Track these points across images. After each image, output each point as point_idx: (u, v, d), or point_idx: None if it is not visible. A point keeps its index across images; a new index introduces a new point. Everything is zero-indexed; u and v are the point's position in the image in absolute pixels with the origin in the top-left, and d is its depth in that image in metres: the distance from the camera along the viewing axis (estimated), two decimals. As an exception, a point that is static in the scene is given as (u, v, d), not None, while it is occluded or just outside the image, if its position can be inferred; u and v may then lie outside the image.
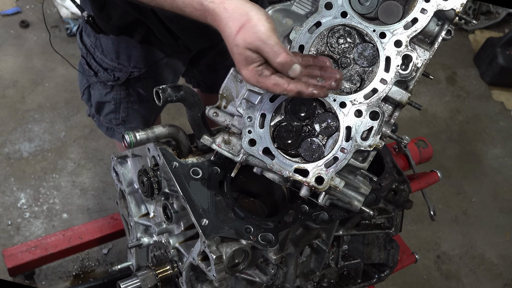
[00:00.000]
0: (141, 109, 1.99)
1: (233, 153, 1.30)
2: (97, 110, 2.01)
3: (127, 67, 1.81)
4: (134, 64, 1.81)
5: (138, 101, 1.95)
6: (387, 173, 1.68)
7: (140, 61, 1.80)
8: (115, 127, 2.04)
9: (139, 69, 1.82)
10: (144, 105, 1.98)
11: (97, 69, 1.85)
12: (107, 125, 2.05)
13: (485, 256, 3.25)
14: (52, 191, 3.05)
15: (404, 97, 1.21)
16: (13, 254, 2.37)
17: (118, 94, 1.91)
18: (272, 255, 1.31)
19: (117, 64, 1.81)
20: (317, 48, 1.20)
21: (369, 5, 1.20)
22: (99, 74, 1.86)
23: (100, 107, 1.99)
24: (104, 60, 1.82)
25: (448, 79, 4.39)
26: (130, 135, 1.33)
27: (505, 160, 3.85)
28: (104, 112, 1.99)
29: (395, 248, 1.77)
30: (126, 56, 1.79)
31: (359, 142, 1.17)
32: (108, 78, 1.85)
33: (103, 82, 1.88)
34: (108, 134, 2.10)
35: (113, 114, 1.98)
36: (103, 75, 1.85)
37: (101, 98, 1.94)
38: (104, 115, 2.01)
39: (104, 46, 1.80)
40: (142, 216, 1.64)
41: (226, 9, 1.09)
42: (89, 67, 1.88)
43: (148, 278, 1.54)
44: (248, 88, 1.29)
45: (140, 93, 1.93)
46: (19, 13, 4.04)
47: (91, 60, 1.86)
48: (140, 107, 1.98)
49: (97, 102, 1.97)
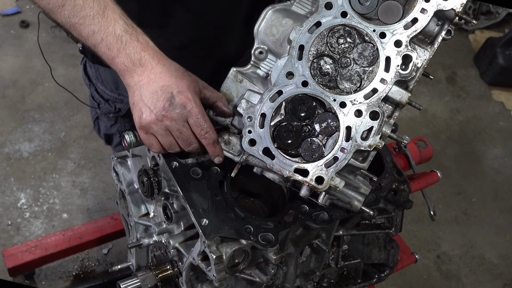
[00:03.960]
0: None
1: (233, 153, 1.30)
2: (107, 141, 1.99)
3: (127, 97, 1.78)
4: None
5: None
6: (387, 173, 1.67)
7: None
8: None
9: None
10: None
11: (99, 101, 1.82)
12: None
13: (485, 256, 3.26)
14: (52, 191, 3.05)
15: (404, 97, 1.21)
16: (13, 254, 2.37)
17: (123, 127, 1.88)
18: (272, 255, 1.31)
19: (117, 95, 1.77)
20: (317, 48, 1.20)
21: (369, 5, 1.20)
22: (101, 105, 1.83)
23: (108, 139, 1.97)
24: (104, 91, 1.79)
25: (448, 79, 4.39)
26: (130, 135, 1.33)
27: (505, 160, 3.85)
28: (113, 144, 1.97)
29: (395, 248, 1.77)
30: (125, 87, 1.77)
31: (359, 142, 1.17)
32: (110, 110, 1.81)
33: (107, 114, 1.84)
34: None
35: (122, 146, 1.96)
36: (105, 107, 1.82)
37: (107, 130, 1.92)
38: (113, 147, 1.99)
39: (103, 77, 1.77)
40: (142, 216, 1.64)
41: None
42: (93, 99, 1.85)
43: (148, 278, 1.54)
44: (248, 88, 1.29)
45: None
46: (19, 13, 4.04)
47: (93, 92, 1.83)
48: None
49: (105, 134, 1.95)
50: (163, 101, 1.16)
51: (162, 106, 1.16)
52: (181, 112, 1.17)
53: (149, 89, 1.18)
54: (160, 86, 1.17)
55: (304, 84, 1.19)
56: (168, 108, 1.16)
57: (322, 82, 1.20)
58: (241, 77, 1.31)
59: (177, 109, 1.17)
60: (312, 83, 1.19)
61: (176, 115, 1.17)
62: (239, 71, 1.31)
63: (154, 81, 1.18)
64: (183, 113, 1.18)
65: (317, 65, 1.20)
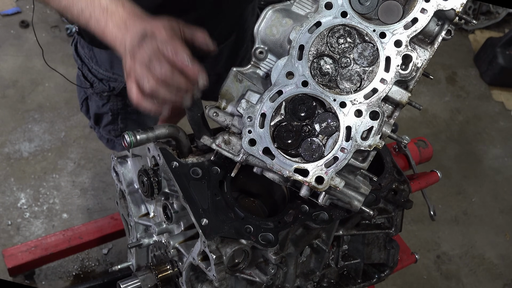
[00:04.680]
0: (139, 119, 1.97)
1: (233, 153, 1.30)
2: (96, 121, 2.00)
3: (122, 76, 1.79)
4: None
5: (136, 111, 1.93)
6: (387, 173, 1.67)
7: None
8: (115, 139, 2.04)
9: None
10: (142, 115, 1.96)
11: (93, 80, 1.84)
12: (107, 136, 2.04)
13: (485, 256, 3.26)
14: (52, 191, 3.05)
15: (404, 97, 1.21)
16: (13, 254, 2.37)
17: (115, 105, 1.90)
18: (272, 255, 1.31)
19: (111, 74, 1.79)
20: (317, 48, 1.20)
21: (369, 5, 1.20)
22: (94, 85, 1.84)
23: (98, 119, 1.98)
24: (99, 70, 1.80)
25: (448, 79, 4.39)
26: (130, 135, 1.33)
27: (505, 160, 3.85)
28: (103, 124, 1.98)
29: (395, 248, 1.77)
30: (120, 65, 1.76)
31: (359, 142, 1.17)
32: (104, 89, 1.83)
33: (99, 94, 1.86)
34: (108, 146, 2.10)
35: (112, 125, 1.97)
36: (99, 86, 1.83)
37: (99, 110, 1.93)
38: (103, 127, 2.00)
39: (98, 57, 1.78)
40: (142, 216, 1.64)
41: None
42: (85, 79, 1.86)
43: (148, 278, 1.54)
44: (248, 88, 1.29)
45: None
46: (19, 13, 4.04)
47: (86, 72, 1.84)
48: (138, 117, 1.96)
49: (95, 114, 1.96)
50: (137, 41, 1.15)
51: (136, 43, 1.14)
52: (150, 42, 1.12)
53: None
54: (139, 35, 1.16)
55: (304, 84, 1.19)
56: (140, 42, 1.13)
57: (322, 82, 1.20)
58: (241, 77, 1.31)
59: (147, 40, 1.13)
60: (312, 83, 1.19)
61: (146, 46, 1.12)
62: (239, 71, 1.31)
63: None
64: (153, 43, 1.12)
65: (317, 65, 1.20)
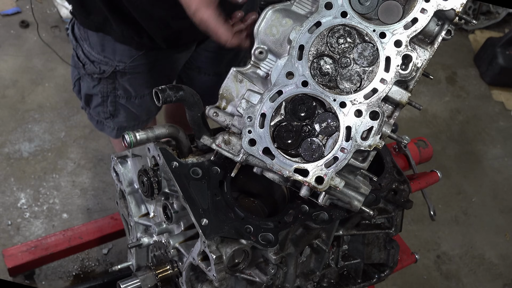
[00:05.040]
0: (129, 105, 1.99)
1: (233, 153, 1.30)
2: (86, 102, 2.03)
3: (113, 60, 1.82)
4: (119, 58, 1.81)
5: (125, 97, 1.96)
6: (387, 173, 1.67)
7: (125, 56, 1.81)
8: (104, 121, 2.06)
9: (124, 63, 1.82)
10: (131, 102, 1.98)
11: (85, 61, 1.87)
12: (96, 118, 2.07)
13: (485, 256, 3.26)
14: (52, 191, 3.05)
15: (404, 97, 1.21)
16: (13, 254, 2.37)
17: (105, 88, 1.92)
18: (272, 255, 1.31)
19: (102, 57, 1.82)
20: (317, 48, 1.20)
21: (369, 5, 1.20)
22: (86, 66, 1.87)
23: (88, 100, 2.01)
24: (91, 52, 1.83)
25: (448, 79, 4.39)
26: (130, 135, 1.33)
27: (505, 160, 3.85)
28: (93, 105, 2.01)
29: (395, 248, 1.77)
30: (111, 49, 1.80)
31: (359, 142, 1.17)
32: (94, 71, 1.86)
33: (91, 75, 1.89)
34: (98, 128, 2.13)
35: (101, 107, 2.00)
36: (90, 68, 1.86)
37: (89, 91, 1.96)
38: (92, 108, 2.03)
39: (91, 39, 1.81)
40: (142, 216, 1.64)
41: None
42: (78, 59, 1.90)
43: (148, 278, 1.54)
44: (248, 88, 1.29)
45: (126, 89, 1.93)
46: (19, 13, 4.04)
47: (79, 52, 1.88)
48: (127, 103, 1.98)
49: (86, 94, 1.99)
50: None
51: None
52: None
53: None
54: None
55: (304, 84, 1.19)
56: None
57: (322, 82, 1.20)
58: (241, 77, 1.31)
59: None
60: (312, 83, 1.19)
61: None
62: (239, 71, 1.31)
63: None
64: None
65: (317, 65, 1.20)
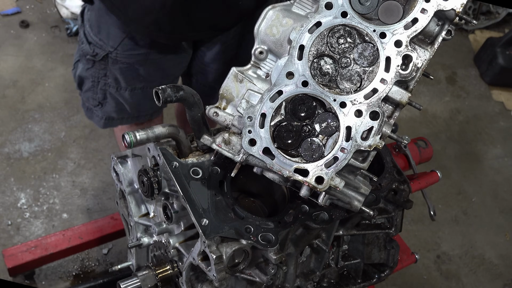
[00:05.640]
0: (118, 96, 2.01)
1: (233, 153, 1.30)
2: (79, 84, 2.05)
3: (106, 44, 1.85)
4: (112, 44, 1.84)
5: (115, 87, 1.97)
6: (387, 173, 1.67)
7: (118, 41, 1.83)
8: (93, 108, 2.08)
9: (116, 49, 1.84)
10: (121, 93, 1.99)
11: (83, 41, 1.91)
12: (87, 104, 2.09)
13: (485, 256, 3.26)
14: (52, 191, 3.05)
15: (404, 97, 1.21)
16: (13, 254, 2.37)
17: (97, 72, 1.95)
18: (272, 255, 1.31)
19: (98, 40, 1.85)
20: (317, 48, 1.20)
21: (369, 5, 1.20)
22: (83, 45, 1.91)
23: (81, 82, 2.03)
24: (90, 33, 1.87)
25: (448, 79, 4.39)
26: (130, 135, 1.33)
27: (505, 160, 3.85)
28: (84, 88, 2.04)
29: (395, 248, 1.77)
30: (106, 32, 1.83)
31: (359, 142, 1.17)
32: (88, 52, 1.89)
33: (86, 56, 1.92)
34: (87, 115, 2.15)
35: (91, 92, 2.02)
36: (85, 48, 1.90)
37: (82, 73, 1.99)
38: (84, 92, 2.05)
39: (91, 20, 1.85)
40: (142, 216, 1.64)
41: None
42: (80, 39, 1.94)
43: (148, 278, 1.54)
44: (248, 88, 1.29)
45: (117, 78, 1.94)
46: (19, 13, 4.04)
47: (81, 33, 1.92)
48: (117, 94, 2.00)
49: (79, 76, 2.02)
50: None
51: None
52: None
53: None
54: None
55: (304, 84, 1.19)
56: None
57: (322, 82, 1.20)
58: (241, 76, 1.31)
59: None
60: (312, 83, 1.19)
61: None
62: (239, 71, 1.31)
63: None
64: None
65: (317, 65, 1.20)
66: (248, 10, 1.77)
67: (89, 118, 2.15)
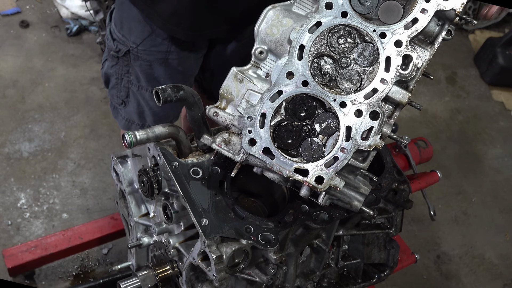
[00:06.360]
0: (140, 97, 2.02)
1: (233, 152, 1.30)
2: (106, 82, 2.10)
3: (128, 40, 1.88)
4: (134, 39, 1.86)
5: (137, 85, 2.00)
6: (387, 173, 1.67)
7: (139, 37, 1.86)
8: (118, 107, 2.12)
9: (137, 45, 1.87)
10: (142, 93, 2.01)
11: (108, 38, 1.96)
12: (113, 103, 2.13)
13: (485, 256, 3.26)
14: (52, 191, 3.05)
15: (404, 97, 1.21)
16: (13, 254, 2.37)
17: (120, 69, 1.99)
18: (272, 255, 1.31)
19: (121, 36, 1.90)
20: (317, 48, 1.20)
21: (370, 5, 1.20)
22: (107, 42, 1.97)
23: (107, 79, 2.09)
24: (114, 30, 1.92)
25: (448, 79, 4.39)
26: (130, 134, 1.33)
27: (505, 160, 3.85)
28: (110, 85, 2.09)
29: (395, 248, 1.77)
30: (128, 28, 1.87)
31: (359, 142, 1.17)
32: (112, 47, 1.95)
33: (110, 53, 1.98)
34: (113, 114, 2.19)
35: (115, 90, 2.06)
36: (109, 44, 1.96)
37: (108, 70, 2.04)
38: (110, 89, 2.10)
39: (115, 17, 1.91)
40: (142, 216, 1.64)
41: None
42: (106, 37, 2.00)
43: (148, 278, 1.54)
44: (248, 88, 1.29)
45: (138, 76, 1.97)
46: (19, 13, 4.04)
47: (107, 31, 1.98)
48: (138, 94, 2.02)
49: (105, 74, 2.07)
50: None
51: None
52: None
53: None
54: None
55: (304, 84, 1.19)
56: None
57: (322, 82, 1.20)
58: (241, 76, 1.31)
59: None
60: (312, 83, 1.19)
61: None
62: (239, 71, 1.31)
63: None
64: None
65: (317, 65, 1.20)
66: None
67: (114, 117, 2.19)
